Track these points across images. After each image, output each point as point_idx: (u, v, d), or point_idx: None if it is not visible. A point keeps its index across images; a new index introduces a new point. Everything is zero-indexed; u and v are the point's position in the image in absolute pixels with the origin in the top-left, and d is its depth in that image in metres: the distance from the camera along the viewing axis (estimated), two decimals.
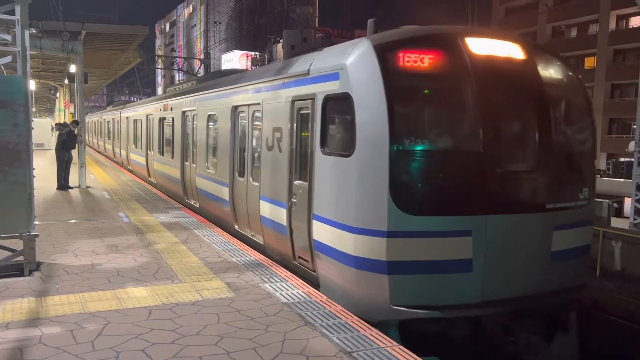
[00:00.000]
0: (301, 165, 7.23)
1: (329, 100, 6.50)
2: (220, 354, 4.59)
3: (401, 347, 4.81)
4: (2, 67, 17.01)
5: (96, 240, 8.88)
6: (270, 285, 6.53)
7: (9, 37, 8.01)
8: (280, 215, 7.64)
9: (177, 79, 65.61)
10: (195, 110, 12.33)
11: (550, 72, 6.82)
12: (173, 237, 9.20)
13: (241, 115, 9.62)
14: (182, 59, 57.55)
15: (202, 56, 58.42)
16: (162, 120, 15.99)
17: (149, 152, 17.82)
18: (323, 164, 6.51)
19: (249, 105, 9.15)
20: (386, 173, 5.62)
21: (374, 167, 5.74)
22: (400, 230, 5.63)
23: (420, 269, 5.72)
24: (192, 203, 12.65)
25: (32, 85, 21.59)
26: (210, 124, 11.37)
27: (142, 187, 16.51)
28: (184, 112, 13.35)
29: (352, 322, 5.38)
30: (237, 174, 9.63)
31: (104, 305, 5.72)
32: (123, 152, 24.09)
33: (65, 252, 7.99)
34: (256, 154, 8.84)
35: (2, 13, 7.68)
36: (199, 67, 47.45)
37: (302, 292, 6.32)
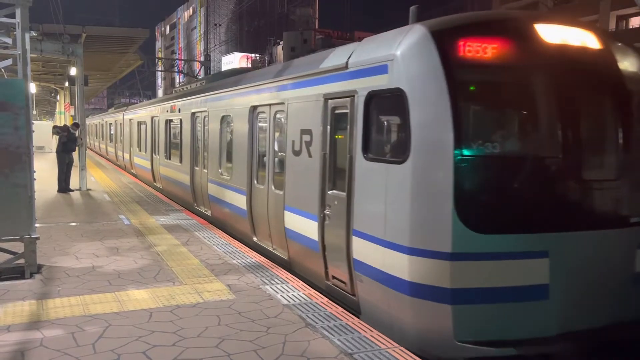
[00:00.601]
0: (337, 172, 6.39)
1: (373, 97, 5.61)
2: (221, 356, 4.59)
3: (402, 348, 4.81)
4: (2, 70, 17.02)
5: (97, 242, 8.89)
6: (271, 287, 6.53)
7: (9, 40, 8.05)
8: (309, 228, 6.78)
9: (177, 81, 65.70)
10: (206, 111, 11.49)
11: (629, 64, 5.76)
12: (174, 239, 9.20)
13: (261, 116, 8.79)
14: (183, 61, 57.59)
15: (202, 58, 58.48)
16: (168, 122, 15.21)
17: (154, 155, 16.99)
18: (366, 171, 5.63)
19: (270, 105, 8.29)
20: (450, 182, 4.75)
21: (434, 175, 4.88)
22: (466, 251, 4.77)
23: (490, 297, 4.85)
24: (203, 211, 11.82)
25: (33, 88, 21.62)
26: (224, 126, 10.54)
27: (142, 190, 16.52)
28: (193, 114, 12.56)
29: (352, 323, 5.37)
30: (255, 181, 8.77)
31: (105, 307, 5.72)
32: (126, 156, 23.29)
33: (66, 255, 8.00)
34: (279, 159, 8.04)
35: (2, 16, 7.70)
36: (199, 70, 47.51)
37: (303, 294, 6.31)
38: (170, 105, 15.08)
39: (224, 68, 66.28)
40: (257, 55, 62.11)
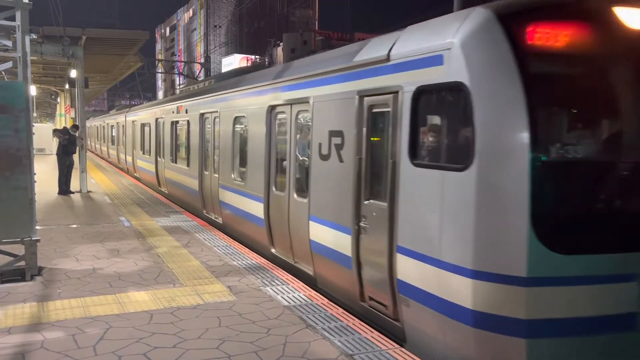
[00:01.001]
0: (375, 179, 5.66)
1: (424, 93, 4.87)
2: (222, 357, 4.59)
3: (403, 349, 4.81)
4: (3, 72, 17.04)
5: (97, 244, 8.90)
6: (271, 289, 6.54)
7: (9, 43, 8.05)
8: (341, 242, 6.05)
9: (177, 83, 65.72)
10: (217, 112, 10.79)
11: None
12: (174, 241, 9.21)
13: (280, 116, 8.03)
14: (183, 63, 57.67)
15: (202, 60, 58.53)
16: (174, 124, 14.52)
17: (159, 159, 16.28)
18: (414, 179, 4.90)
19: (291, 104, 7.54)
20: (525, 193, 4.02)
21: (505, 184, 4.12)
22: (545, 275, 4.07)
23: (571, 329, 4.17)
24: (213, 218, 11.09)
25: (33, 90, 21.63)
26: (237, 127, 9.82)
27: (143, 192, 16.53)
28: (202, 115, 11.83)
29: (353, 324, 5.37)
30: (274, 188, 8.04)
31: (106, 309, 5.73)
32: (129, 159, 22.59)
33: (67, 257, 8.00)
34: (302, 164, 7.33)
35: (2, 19, 7.71)
36: (200, 71, 47.57)
37: (304, 295, 6.32)
38: (176, 106, 14.34)
39: (224, 70, 66.35)
40: (257, 56, 62.14)
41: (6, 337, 4.96)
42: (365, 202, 5.69)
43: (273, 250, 8.15)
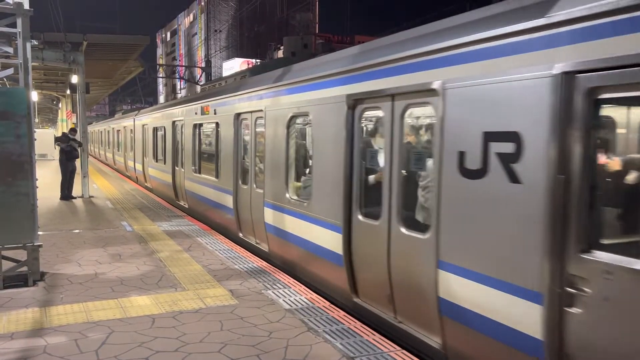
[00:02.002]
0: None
1: None
2: None
3: (404, 351, 4.82)
4: (4, 79, 17.11)
5: (99, 249, 8.92)
6: (273, 292, 6.55)
7: (10, 50, 8.09)
8: (501, 304, 4.06)
9: (178, 87, 65.84)
10: (261, 111, 8.54)
11: None
12: (176, 245, 9.22)
13: (369, 114, 5.95)
14: (184, 68, 57.78)
15: (203, 64, 58.63)
16: (198, 127, 12.50)
17: (177, 168, 14.21)
18: None
19: (393, 95, 5.30)
20: None
21: None
22: None
23: None
24: (255, 243, 9.03)
25: (35, 96, 21.68)
26: (292, 130, 7.73)
27: (144, 196, 16.56)
28: (238, 115, 9.77)
29: (355, 327, 5.38)
30: (359, 213, 5.92)
31: (108, 314, 5.74)
32: (138, 167, 20.45)
33: (69, 262, 8.03)
34: (409, 180, 5.32)
35: (4, 26, 7.75)
36: (201, 75, 47.66)
37: (305, 298, 6.33)
38: (200, 106, 12.26)
39: (225, 74, 66.44)
40: (258, 60, 62.24)
41: (9, 342, 4.97)
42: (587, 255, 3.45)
43: (358, 299, 6.06)
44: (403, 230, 5.22)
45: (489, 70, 4.15)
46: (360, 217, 5.91)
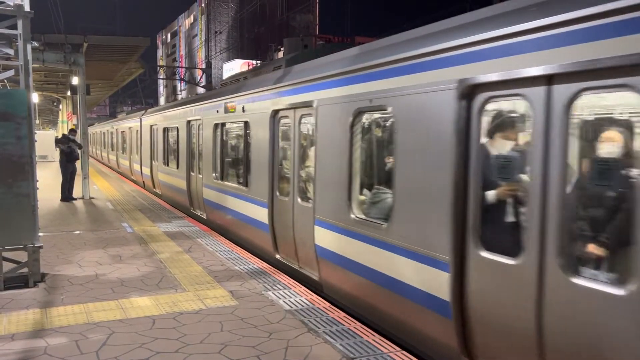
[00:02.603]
0: None
1: None
2: None
3: (404, 352, 4.82)
4: (5, 80, 17.14)
5: (100, 250, 8.92)
6: (273, 293, 6.55)
7: (11, 51, 8.11)
8: None
9: (179, 89, 65.88)
10: (311, 106, 6.99)
11: None
12: (176, 247, 9.23)
13: (496, 106, 4.38)
14: (184, 69, 57.82)
15: (203, 65, 58.70)
16: (220, 127, 10.94)
17: (192, 174, 12.77)
18: None
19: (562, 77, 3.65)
20: None
21: None
22: None
23: None
24: (308, 273, 7.31)
25: (35, 97, 21.69)
26: (356, 130, 6.13)
27: (145, 197, 16.57)
28: (276, 113, 8.21)
29: (355, 328, 5.39)
30: (479, 245, 4.27)
31: (108, 315, 5.75)
32: (145, 171, 18.75)
33: (70, 263, 8.03)
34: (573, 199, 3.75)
35: (4, 27, 7.77)
36: (201, 77, 47.71)
37: (305, 299, 6.33)
38: (224, 103, 10.59)
39: (226, 75, 66.45)
40: (258, 61, 62.31)
41: (10, 343, 4.98)
42: None
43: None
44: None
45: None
46: (482, 253, 4.31)
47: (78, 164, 15.95)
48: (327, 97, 6.68)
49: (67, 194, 15.35)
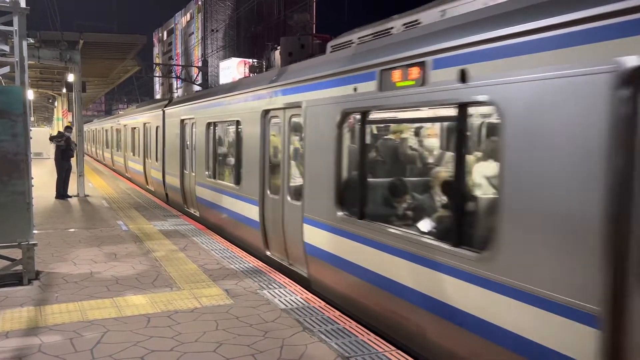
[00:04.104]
0: None
1: None
2: None
3: (399, 351, 4.84)
4: (0, 77, 17.07)
5: (95, 248, 8.90)
6: (268, 292, 6.56)
7: (6, 48, 8.07)
8: None
9: (175, 87, 65.69)
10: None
11: None
12: (172, 245, 9.22)
13: None
14: (180, 67, 57.71)
15: (200, 64, 58.57)
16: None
17: (268, 194, 8.24)
18: None
19: None
20: None
21: None
22: None
23: None
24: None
25: (31, 94, 21.56)
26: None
27: (140, 196, 16.53)
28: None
29: (350, 327, 5.40)
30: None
31: (103, 313, 5.74)
32: (173, 182, 14.01)
33: (64, 261, 8.01)
34: None
35: (0, 24, 7.74)
36: (197, 75, 47.62)
37: (301, 298, 6.34)
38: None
39: (222, 73, 66.32)
40: (254, 60, 62.25)
41: (4, 341, 4.96)
42: None
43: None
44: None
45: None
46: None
47: (73, 161, 15.91)
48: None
49: (62, 192, 15.30)
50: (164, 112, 15.28)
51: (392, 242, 5.21)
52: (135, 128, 20.45)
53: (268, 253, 8.35)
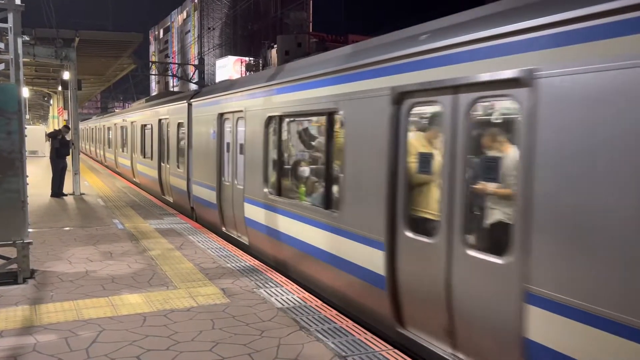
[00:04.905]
0: None
1: None
2: None
3: (396, 350, 4.83)
4: None
5: (90, 247, 8.86)
6: (265, 291, 6.54)
7: (1, 45, 8.01)
8: None
9: (171, 85, 65.56)
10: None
11: None
12: (168, 244, 9.19)
13: None
14: (177, 65, 57.56)
15: (196, 62, 58.44)
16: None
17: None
18: None
19: None
20: None
21: None
22: None
23: None
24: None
25: (26, 92, 21.46)
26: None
27: (136, 194, 16.48)
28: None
29: (347, 326, 5.39)
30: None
31: (99, 312, 5.71)
32: (201, 191, 11.27)
33: (60, 260, 7.97)
34: None
35: None
36: (194, 73, 47.52)
37: (297, 297, 6.32)
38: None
39: (218, 72, 66.21)
40: (251, 58, 62.14)
41: None
42: None
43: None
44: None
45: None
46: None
47: (69, 159, 15.84)
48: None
49: (57, 190, 15.24)
50: (190, 105, 12.23)
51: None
52: (146, 125, 17.33)
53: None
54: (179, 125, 13.14)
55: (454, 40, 4.47)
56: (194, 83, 47.28)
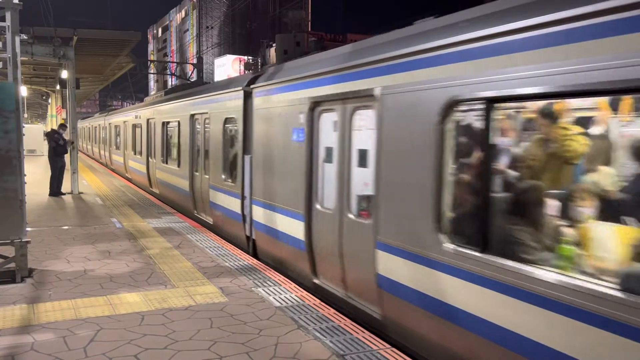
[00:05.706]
0: None
1: None
2: (213, 358, 4.59)
3: (394, 349, 4.83)
4: None
5: (89, 246, 8.86)
6: (263, 290, 6.54)
7: None
8: None
9: (169, 84, 65.51)
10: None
11: None
12: (166, 243, 9.18)
13: None
14: (175, 64, 57.51)
15: (194, 61, 58.39)
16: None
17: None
18: None
19: None
20: None
21: None
22: None
23: None
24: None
25: (24, 91, 21.40)
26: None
27: (135, 193, 16.46)
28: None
29: (345, 325, 5.39)
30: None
31: (97, 311, 5.70)
32: (270, 217, 8.02)
33: (58, 259, 7.96)
34: None
35: None
36: (192, 72, 47.46)
37: (296, 295, 6.32)
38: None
39: (217, 71, 66.15)
40: (250, 57, 62.11)
41: None
42: None
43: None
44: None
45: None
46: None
47: (67, 158, 15.81)
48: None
49: (55, 189, 15.22)
50: (248, 94, 8.89)
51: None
52: (169, 123, 14.14)
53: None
54: (226, 121, 9.92)
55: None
56: (192, 82, 47.15)
